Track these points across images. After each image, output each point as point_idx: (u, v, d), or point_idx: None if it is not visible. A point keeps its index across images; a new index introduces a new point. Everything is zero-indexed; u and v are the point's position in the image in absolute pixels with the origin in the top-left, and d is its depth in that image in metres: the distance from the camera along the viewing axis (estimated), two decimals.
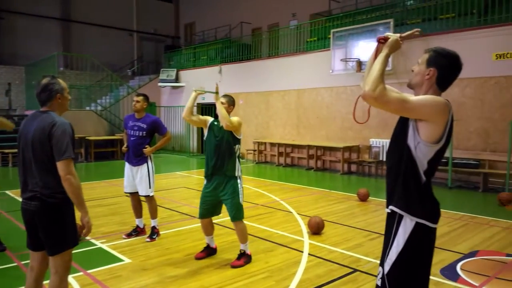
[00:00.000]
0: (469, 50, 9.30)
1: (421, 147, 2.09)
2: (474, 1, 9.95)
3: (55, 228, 2.75)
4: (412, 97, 2.08)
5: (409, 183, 2.12)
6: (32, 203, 2.73)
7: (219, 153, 4.31)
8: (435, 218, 2.14)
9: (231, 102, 4.48)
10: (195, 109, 14.72)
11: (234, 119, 4.34)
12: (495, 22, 9.31)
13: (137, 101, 5.29)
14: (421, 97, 2.08)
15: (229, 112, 4.37)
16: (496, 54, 8.98)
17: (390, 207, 2.19)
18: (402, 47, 2.28)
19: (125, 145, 5.38)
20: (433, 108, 2.04)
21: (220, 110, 4.22)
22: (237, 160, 4.41)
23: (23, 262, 4.42)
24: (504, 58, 8.89)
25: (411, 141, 2.11)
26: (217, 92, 4.40)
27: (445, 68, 2.15)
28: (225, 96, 4.49)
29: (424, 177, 2.11)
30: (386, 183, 2.28)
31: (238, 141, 4.42)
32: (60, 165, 2.68)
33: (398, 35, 2.20)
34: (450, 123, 2.10)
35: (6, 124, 5.04)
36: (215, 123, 4.44)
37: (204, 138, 4.56)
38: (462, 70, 2.23)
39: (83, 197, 2.81)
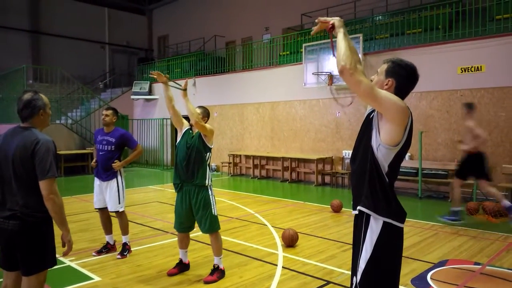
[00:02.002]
0: (435, 64, 9.65)
1: (382, 149, 2.15)
2: (440, 17, 10.36)
3: (34, 248, 2.67)
4: (378, 89, 2.13)
5: (375, 183, 2.16)
6: (11, 222, 2.64)
7: (189, 160, 4.28)
8: (401, 217, 2.19)
9: (205, 114, 4.47)
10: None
11: (207, 125, 4.33)
12: (460, 37, 9.70)
13: (106, 115, 5.20)
14: (388, 93, 2.14)
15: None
16: (461, 68, 9.33)
17: (358, 207, 2.23)
18: (372, 62, 2.37)
19: (94, 160, 5.28)
20: (397, 106, 2.10)
21: (187, 105, 4.19)
22: (207, 168, 4.39)
23: None
24: (468, 71, 9.25)
25: (374, 143, 2.17)
26: (185, 89, 4.36)
27: (403, 79, 2.22)
28: (200, 107, 4.47)
29: (387, 179, 2.16)
30: (352, 186, 2.33)
31: (209, 149, 4.40)
32: (43, 184, 2.62)
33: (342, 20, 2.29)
34: (410, 128, 2.16)
35: None
36: (190, 131, 4.44)
37: (176, 142, 4.51)
38: (429, 83, 2.34)
39: (65, 216, 2.76)
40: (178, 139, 4.47)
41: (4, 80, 15.96)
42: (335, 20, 2.26)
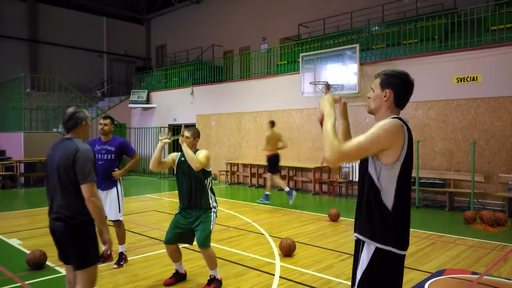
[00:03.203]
0: (431, 74, 9.73)
1: (384, 174, 2.11)
2: (436, 27, 10.47)
3: (77, 247, 2.96)
4: (363, 136, 2.06)
5: (372, 210, 2.13)
6: (57, 223, 2.97)
7: (191, 189, 4.24)
8: (400, 244, 2.13)
9: (196, 135, 4.37)
10: (166, 129, 14.57)
11: (201, 155, 4.22)
12: (455, 48, 9.79)
13: (105, 124, 5.19)
14: (373, 131, 2.07)
15: (195, 145, 4.32)
16: (457, 78, 9.41)
17: (355, 234, 2.22)
18: (369, 71, 2.37)
19: None
20: (388, 135, 2.07)
21: (187, 152, 4.12)
22: (209, 193, 4.35)
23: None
24: (464, 81, 9.33)
25: (371, 169, 2.14)
26: (183, 135, 4.26)
27: (399, 87, 2.22)
28: (189, 129, 4.35)
29: (390, 205, 2.11)
30: (355, 209, 2.32)
31: (208, 173, 4.35)
32: (84, 188, 2.91)
33: (326, 99, 2.23)
34: (408, 143, 2.13)
35: None
36: (182, 159, 4.32)
37: (174, 173, 4.46)
38: (425, 93, 2.34)
39: (104, 217, 3.08)
40: (175, 170, 4.39)
41: (2, 88, 15.96)
42: (326, 110, 2.19)
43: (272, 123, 10.08)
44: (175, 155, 4.42)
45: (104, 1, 21.49)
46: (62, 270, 4.98)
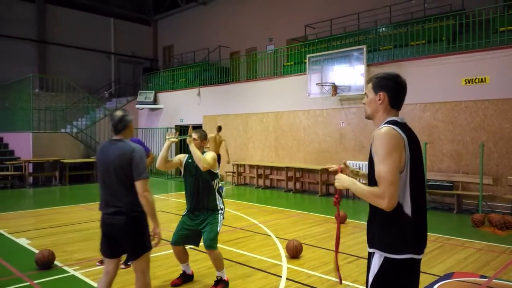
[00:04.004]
0: (439, 75, 9.67)
1: None
2: (443, 28, 10.41)
3: (137, 236, 3.29)
4: (380, 165, 2.07)
5: (388, 220, 2.12)
6: (116, 217, 3.22)
7: (198, 191, 4.25)
8: (419, 249, 2.12)
9: (203, 137, 4.37)
10: (173, 130, 14.61)
11: (209, 156, 4.24)
12: (463, 49, 9.72)
13: None
14: (381, 155, 2.07)
15: (202, 147, 4.33)
16: (465, 79, 9.34)
17: (371, 249, 2.21)
18: (376, 72, 2.36)
19: None
20: (394, 146, 2.06)
21: (195, 152, 4.13)
22: (217, 195, 4.36)
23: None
24: (472, 83, 9.26)
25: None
26: (190, 135, 4.27)
27: (392, 88, 2.23)
28: (196, 131, 4.36)
29: (409, 211, 2.10)
30: (367, 221, 2.31)
31: (215, 175, 4.37)
32: (139, 184, 3.21)
33: (339, 179, 2.33)
34: (410, 146, 2.11)
35: None
36: (190, 160, 4.33)
37: (182, 175, 4.48)
38: (433, 95, 2.34)
39: (155, 211, 3.32)
40: (183, 172, 4.40)
41: (10, 89, 16.11)
42: (339, 185, 2.32)
43: (219, 128, 12.12)
44: (183, 156, 4.43)
45: (112, 2, 21.64)
46: (70, 270, 5.02)
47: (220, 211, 4.35)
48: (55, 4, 20.10)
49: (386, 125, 2.14)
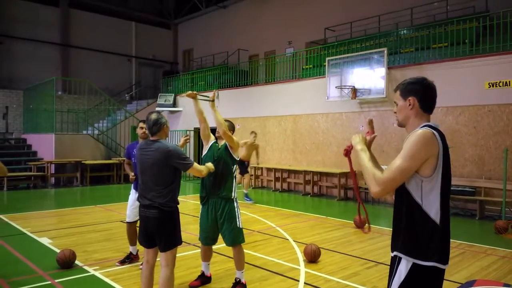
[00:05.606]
0: (462, 78, 9.49)
1: (426, 187, 2.06)
2: (466, 31, 10.20)
3: (168, 230, 3.59)
4: (399, 158, 2.05)
5: (415, 227, 2.08)
6: (151, 211, 3.55)
7: (217, 173, 4.27)
8: (444, 259, 2.08)
9: (230, 127, 4.46)
10: (191, 132, 14.65)
11: (234, 137, 4.35)
12: (487, 52, 9.51)
13: (142, 128, 5.26)
14: (406, 149, 2.05)
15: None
16: (489, 83, 9.14)
17: (394, 252, 2.16)
18: (397, 76, 2.33)
19: (132, 174, 5.21)
20: (422, 148, 2.02)
21: (216, 116, 4.25)
22: (233, 181, 4.40)
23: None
24: (496, 86, 9.05)
25: (410, 186, 2.09)
26: (213, 100, 4.40)
27: (421, 92, 2.18)
28: (225, 120, 4.46)
29: (438, 218, 2.06)
30: (392, 227, 2.26)
31: (235, 161, 4.42)
32: (192, 171, 3.69)
33: (358, 137, 2.38)
34: (444, 151, 2.07)
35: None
36: (216, 143, 4.45)
37: (202, 155, 4.52)
38: (456, 98, 2.29)
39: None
40: (204, 152, 4.47)
41: (34, 91, 16.52)
42: (355, 140, 2.41)
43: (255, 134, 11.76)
44: (212, 137, 4.53)
45: (133, 7, 22.00)
46: (90, 270, 5.10)
47: (234, 202, 4.36)
48: (79, 8, 20.55)
49: (425, 127, 2.09)
